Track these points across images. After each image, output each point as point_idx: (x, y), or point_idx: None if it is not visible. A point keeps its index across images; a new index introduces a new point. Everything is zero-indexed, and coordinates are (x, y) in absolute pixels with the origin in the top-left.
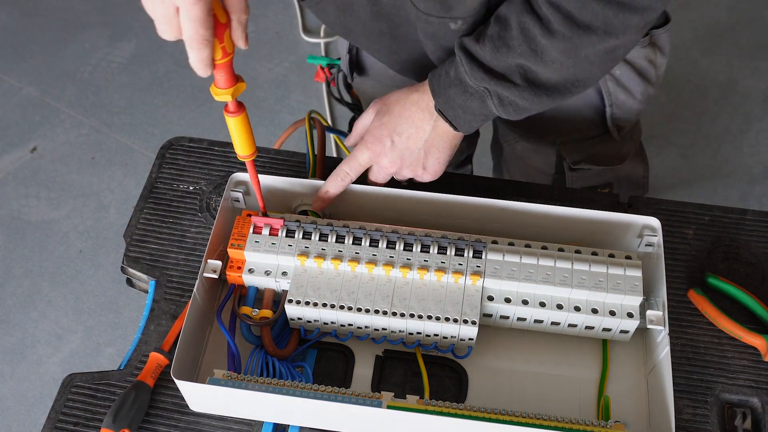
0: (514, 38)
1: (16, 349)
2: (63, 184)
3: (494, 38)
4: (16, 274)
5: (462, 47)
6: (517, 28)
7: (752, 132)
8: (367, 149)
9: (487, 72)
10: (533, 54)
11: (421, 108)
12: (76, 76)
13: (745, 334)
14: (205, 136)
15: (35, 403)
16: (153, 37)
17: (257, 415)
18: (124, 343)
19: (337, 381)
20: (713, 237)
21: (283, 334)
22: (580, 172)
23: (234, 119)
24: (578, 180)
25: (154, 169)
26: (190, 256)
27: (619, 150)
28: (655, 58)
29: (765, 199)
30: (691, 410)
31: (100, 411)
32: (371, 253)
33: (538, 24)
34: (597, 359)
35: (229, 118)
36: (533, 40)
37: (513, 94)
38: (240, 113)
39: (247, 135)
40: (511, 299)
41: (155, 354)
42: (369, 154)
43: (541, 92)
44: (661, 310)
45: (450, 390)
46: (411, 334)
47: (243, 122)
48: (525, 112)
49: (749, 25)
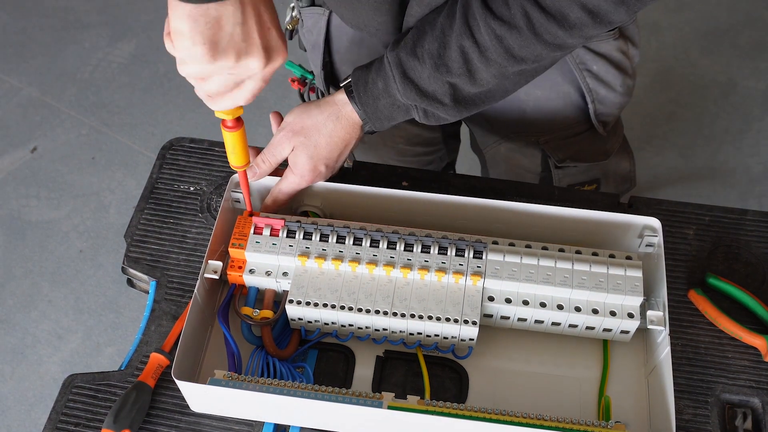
0: (453, 60)
1: (16, 349)
2: (63, 184)
3: (434, 56)
4: (16, 274)
5: (397, 62)
6: (457, 50)
7: (752, 132)
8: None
9: (418, 93)
10: (468, 75)
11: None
12: (77, 77)
13: (745, 335)
14: (206, 137)
15: (35, 403)
16: (153, 37)
17: (258, 415)
18: (124, 343)
19: (337, 381)
20: (713, 237)
21: (283, 335)
22: (566, 170)
23: (231, 134)
24: (565, 177)
25: (154, 170)
26: (191, 257)
27: (603, 145)
28: (627, 49)
29: (765, 199)
30: (692, 410)
31: (100, 411)
32: (372, 254)
33: (477, 51)
34: (597, 359)
35: (227, 133)
36: (470, 62)
37: (438, 110)
38: (238, 129)
39: (242, 148)
40: (511, 300)
41: (156, 354)
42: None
43: (462, 107)
44: (661, 311)
45: (450, 390)
46: (412, 335)
47: (240, 137)
48: (442, 121)
49: (749, 25)
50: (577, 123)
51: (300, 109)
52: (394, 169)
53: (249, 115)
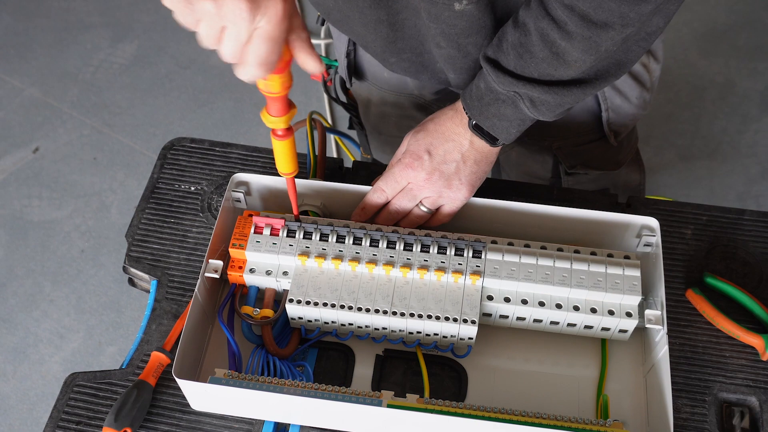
0: (535, 44)
1: (18, 348)
2: (65, 185)
3: (516, 45)
4: (18, 273)
5: (486, 58)
6: (536, 33)
7: (750, 132)
8: (405, 165)
9: (514, 77)
10: (555, 57)
11: (456, 123)
12: (78, 77)
13: (743, 334)
14: (207, 137)
15: (37, 402)
16: (154, 38)
17: (258, 414)
18: (125, 342)
19: (337, 380)
20: (711, 237)
21: (283, 334)
22: (576, 177)
23: (282, 143)
24: (574, 185)
25: (155, 170)
26: (192, 256)
27: (615, 155)
28: (648, 63)
29: (762, 199)
30: (690, 409)
31: (102, 410)
32: (371, 253)
33: (555, 28)
34: (596, 358)
35: (277, 142)
36: (553, 44)
37: (543, 93)
38: (289, 137)
39: (292, 156)
40: (510, 299)
41: (157, 353)
42: (407, 171)
43: (569, 87)
44: (659, 310)
45: (450, 389)
46: (411, 334)
47: (290, 145)
48: (559, 108)
49: (747, 26)
50: (591, 130)
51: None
52: None
53: (249, 115)
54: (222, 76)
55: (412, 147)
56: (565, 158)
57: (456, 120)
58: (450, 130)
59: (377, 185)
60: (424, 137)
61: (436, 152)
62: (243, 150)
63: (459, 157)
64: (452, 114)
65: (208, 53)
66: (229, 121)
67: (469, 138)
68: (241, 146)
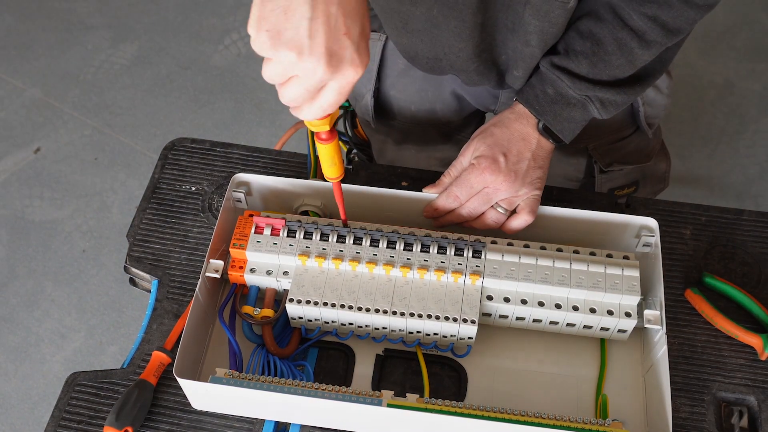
0: (611, 53)
1: (20, 348)
2: (66, 185)
3: (588, 54)
4: (19, 273)
5: (556, 66)
6: (614, 44)
7: (748, 133)
8: (483, 170)
9: (588, 81)
10: (629, 63)
11: (524, 125)
12: (79, 78)
13: (741, 333)
14: (207, 137)
15: (39, 401)
16: (155, 38)
17: (259, 413)
18: (126, 342)
19: (337, 380)
20: (710, 237)
21: (284, 333)
22: (610, 174)
23: (326, 146)
24: (607, 182)
25: (156, 170)
26: (193, 256)
27: (646, 147)
28: None
29: (761, 200)
30: (688, 408)
31: (103, 409)
32: (372, 253)
33: (636, 38)
34: (595, 358)
35: (321, 146)
36: (631, 52)
37: (614, 94)
38: (333, 140)
39: (338, 159)
40: (510, 299)
41: (158, 353)
42: (484, 175)
43: (633, 86)
44: (658, 310)
45: (449, 389)
46: (411, 333)
47: (335, 148)
48: (622, 107)
49: (746, 27)
50: (625, 126)
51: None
52: (394, 169)
53: (250, 116)
54: (222, 76)
55: (484, 152)
56: (601, 157)
57: (523, 122)
58: (519, 131)
59: (451, 190)
60: (495, 140)
61: (510, 153)
62: (244, 150)
63: (530, 155)
64: (516, 117)
65: (208, 54)
66: (230, 121)
67: (537, 138)
68: (242, 146)
